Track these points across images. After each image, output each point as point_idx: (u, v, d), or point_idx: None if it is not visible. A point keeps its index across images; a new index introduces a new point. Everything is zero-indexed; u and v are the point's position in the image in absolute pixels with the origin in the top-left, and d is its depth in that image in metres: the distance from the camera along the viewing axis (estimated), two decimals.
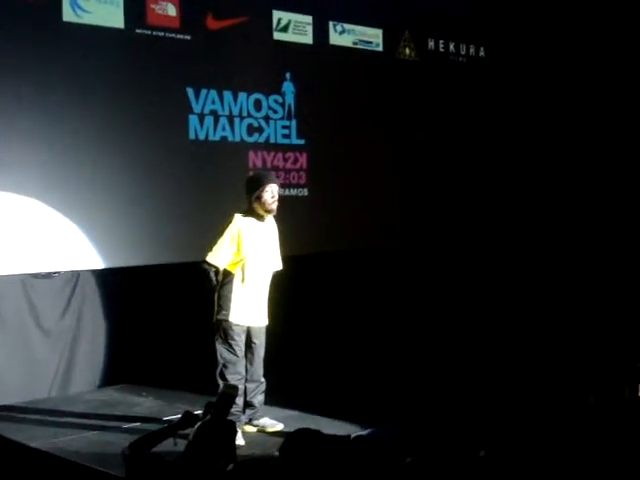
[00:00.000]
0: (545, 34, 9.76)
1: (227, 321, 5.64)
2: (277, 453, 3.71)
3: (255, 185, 5.74)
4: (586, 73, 9.54)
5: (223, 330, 5.65)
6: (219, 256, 5.62)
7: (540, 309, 9.22)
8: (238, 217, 5.70)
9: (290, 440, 3.62)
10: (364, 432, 5.66)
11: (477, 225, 9.68)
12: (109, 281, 7.31)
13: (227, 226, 5.66)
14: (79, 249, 6.85)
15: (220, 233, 5.65)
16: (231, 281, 5.65)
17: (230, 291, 5.63)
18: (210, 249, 5.64)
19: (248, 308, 5.69)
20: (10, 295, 6.80)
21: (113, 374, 7.31)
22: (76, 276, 7.16)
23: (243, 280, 5.66)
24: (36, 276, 6.89)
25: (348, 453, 3.75)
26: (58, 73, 6.70)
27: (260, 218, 5.75)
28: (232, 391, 4.68)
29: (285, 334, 7.20)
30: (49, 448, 5.48)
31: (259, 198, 5.70)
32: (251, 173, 7.35)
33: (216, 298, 5.70)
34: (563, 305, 9.18)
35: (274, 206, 5.75)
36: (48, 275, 6.95)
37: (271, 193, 5.71)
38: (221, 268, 5.64)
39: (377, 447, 3.88)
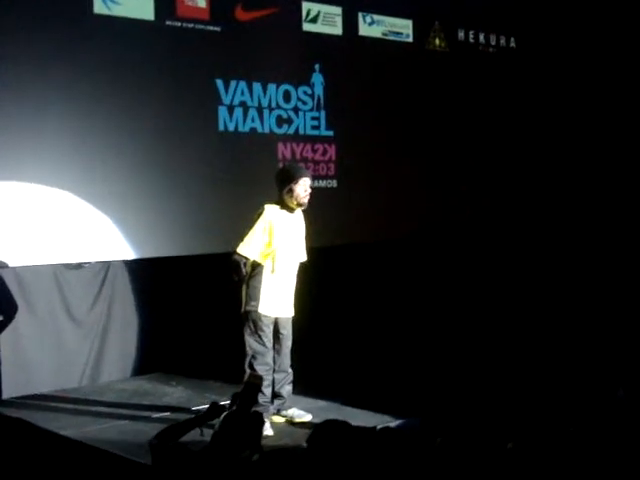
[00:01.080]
0: (575, 26, 9.68)
1: (256, 312, 5.65)
2: (305, 444, 3.73)
3: (288, 178, 5.74)
4: (616, 67, 9.44)
5: (252, 321, 5.67)
6: (250, 247, 5.63)
7: (569, 301, 9.16)
8: (269, 208, 5.70)
9: (318, 431, 3.64)
10: (391, 424, 5.66)
11: (503, 217, 9.63)
12: (139, 272, 7.36)
13: (258, 217, 5.66)
14: (110, 240, 6.91)
15: (251, 224, 5.65)
16: (260, 272, 5.66)
17: (260, 282, 5.64)
18: (241, 240, 5.65)
19: (277, 299, 5.71)
20: (42, 285, 6.86)
21: (143, 364, 7.37)
22: (107, 267, 7.22)
23: (273, 271, 5.67)
24: (67, 266, 6.95)
25: (375, 444, 3.76)
26: (89, 65, 6.74)
27: (291, 210, 5.76)
28: (257, 381, 4.71)
29: (312, 325, 7.22)
30: (79, 437, 5.53)
31: (291, 191, 5.70)
32: (283, 165, 7.37)
33: (245, 289, 5.71)
34: (591, 298, 9.11)
35: (306, 200, 5.75)
36: (79, 265, 7.01)
37: (304, 187, 5.72)
38: (251, 259, 5.65)
39: (403, 439, 3.89)
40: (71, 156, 6.68)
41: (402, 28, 8.76)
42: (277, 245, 5.66)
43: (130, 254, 7.05)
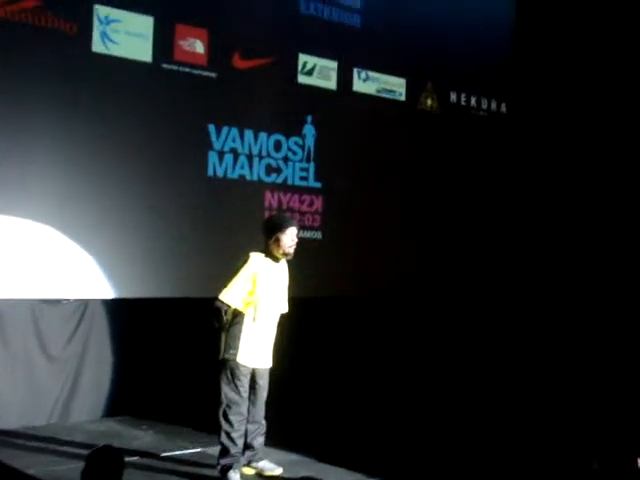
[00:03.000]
0: (567, 93, 9.80)
1: (235, 361, 5.59)
2: None
3: (275, 227, 5.74)
4: (608, 131, 9.55)
5: (230, 369, 5.61)
6: (233, 294, 5.59)
7: (545, 371, 9.15)
8: (255, 257, 5.68)
9: None
10: None
11: (490, 279, 9.66)
12: (117, 312, 7.30)
13: (243, 265, 5.64)
14: (90, 278, 6.86)
15: (235, 271, 5.63)
16: (241, 321, 5.61)
17: (240, 331, 5.59)
18: (224, 286, 5.62)
19: (256, 349, 5.66)
20: (17, 319, 6.79)
21: (115, 405, 7.27)
22: (84, 305, 7.16)
23: (254, 320, 5.63)
24: (45, 302, 6.89)
25: None
26: (82, 103, 6.76)
27: (276, 260, 5.74)
28: None
29: (288, 377, 7.16)
30: (45, 476, 5.44)
31: (278, 240, 5.69)
32: (271, 214, 7.39)
33: (224, 337, 5.66)
34: (567, 368, 9.10)
35: (292, 250, 5.74)
36: (57, 302, 6.95)
37: (291, 237, 5.71)
38: (233, 307, 5.61)
39: None
40: (58, 193, 6.65)
41: (395, 86, 8.84)
42: (260, 294, 5.63)
43: (110, 293, 6.99)
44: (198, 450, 6.32)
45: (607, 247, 9.49)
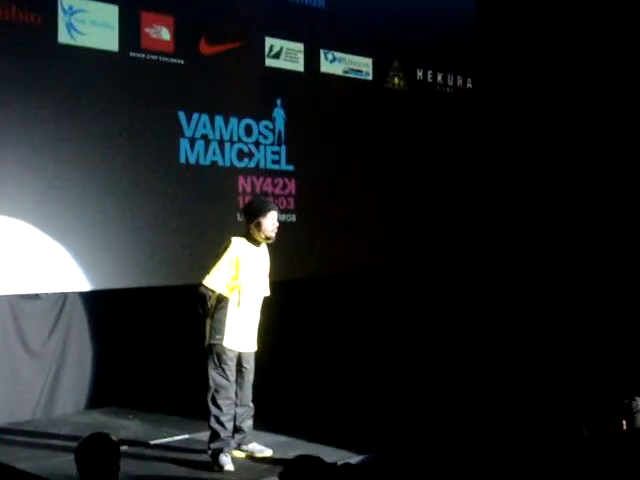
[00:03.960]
0: (531, 67, 9.88)
1: (221, 345, 5.61)
2: (276, 479, 3.71)
3: (256, 211, 5.75)
4: (572, 105, 9.65)
5: (216, 354, 5.64)
6: (216, 280, 5.61)
7: (535, 336, 9.26)
8: (236, 241, 5.69)
9: (290, 466, 3.62)
10: (351, 460, 5.66)
11: (462, 254, 9.75)
12: (96, 303, 7.29)
13: (224, 250, 5.65)
14: (66, 271, 6.82)
15: (217, 257, 5.64)
16: (226, 306, 5.63)
17: (225, 315, 5.61)
18: (207, 272, 5.63)
19: (241, 333, 5.69)
20: None
21: (99, 397, 7.27)
22: (63, 298, 7.14)
23: (238, 305, 5.64)
24: (23, 297, 6.85)
25: None
26: (50, 94, 6.69)
27: (257, 244, 5.76)
28: None
29: (273, 359, 7.20)
30: (37, 470, 5.45)
31: (259, 225, 5.71)
32: (250, 199, 7.38)
33: (209, 322, 5.68)
34: (556, 334, 9.22)
35: (273, 233, 5.76)
36: (35, 296, 6.92)
37: (272, 220, 5.73)
38: (217, 292, 5.63)
39: (364, 475, 3.89)
40: (30, 185, 6.59)
41: (362, 66, 8.87)
42: (243, 278, 5.65)
43: (88, 285, 6.97)
44: (186, 437, 6.34)
45: (585, 218, 9.60)
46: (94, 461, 3.70)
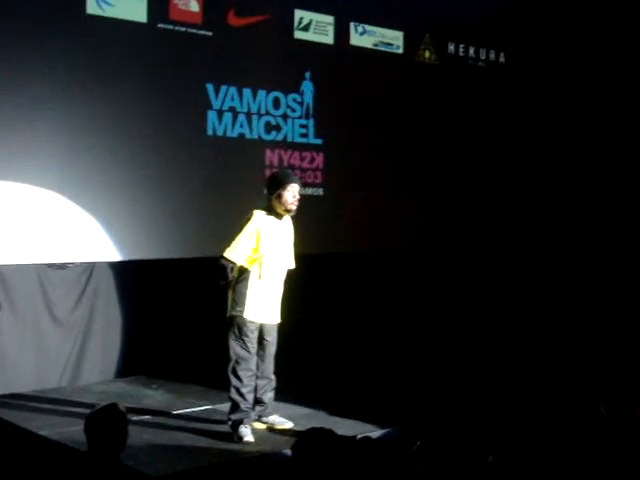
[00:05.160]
0: (565, 42, 9.75)
1: (242, 317, 5.65)
2: (289, 450, 3.74)
3: (277, 184, 5.75)
4: (605, 82, 9.52)
5: (237, 326, 5.67)
6: (237, 252, 5.63)
7: (553, 315, 9.21)
8: (257, 214, 5.70)
9: (303, 438, 3.64)
10: (371, 433, 5.68)
11: (490, 230, 9.68)
12: (124, 274, 7.35)
13: (246, 223, 5.67)
14: (95, 241, 6.88)
15: (239, 229, 5.65)
16: (247, 278, 5.65)
17: (246, 287, 5.64)
18: (228, 245, 5.64)
19: (263, 305, 5.71)
20: (24, 284, 6.85)
21: (124, 366, 7.36)
22: (91, 268, 7.21)
23: (260, 277, 5.67)
24: (51, 266, 6.92)
25: (354, 454, 3.77)
26: (79, 66, 6.71)
27: (279, 216, 5.76)
28: None
29: (297, 332, 7.22)
30: (57, 437, 5.56)
31: (280, 197, 5.71)
32: (273, 171, 7.38)
33: (231, 294, 5.71)
34: (577, 312, 9.16)
35: (294, 206, 5.76)
36: (63, 266, 6.99)
37: (292, 193, 5.73)
38: (238, 264, 5.65)
39: (383, 449, 3.90)
40: (59, 156, 6.65)
41: (393, 39, 8.79)
42: (264, 251, 5.66)
43: (115, 256, 7.02)
44: (208, 407, 6.40)
45: (608, 197, 9.51)
46: (101, 430, 3.76)
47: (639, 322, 8.60)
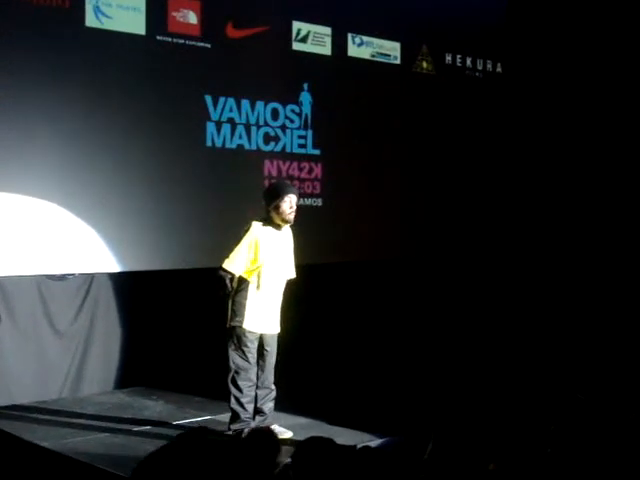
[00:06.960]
0: (562, 52, 9.78)
1: (241, 328, 5.68)
2: (289, 460, 3.74)
3: (274, 195, 5.79)
4: (602, 92, 9.55)
5: (237, 337, 5.70)
6: (236, 263, 5.66)
7: (550, 323, 9.23)
8: (256, 225, 5.74)
9: (302, 448, 3.65)
10: (371, 443, 5.68)
11: (487, 239, 9.70)
12: (123, 285, 7.36)
13: (245, 233, 5.71)
14: (94, 252, 6.90)
15: (237, 240, 5.69)
16: (246, 288, 5.69)
17: (245, 298, 5.67)
18: (227, 256, 5.68)
19: (262, 315, 5.73)
20: (24, 296, 6.85)
21: (124, 377, 7.36)
22: (90, 279, 7.22)
23: (258, 287, 5.70)
24: (51, 277, 6.94)
25: (354, 463, 3.77)
26: (78, 78, 6.75)
27: (277, 227, 5.80)
28: None
29: (296, 342, 7.23)
30: (59, 448, 5.55)
31: (277, 208, 5.75)
32: (271, 182, 7.42)
33: (230, 305, 5.74)
34: (573, 321, 9.18)
35: (292, 217, 5.80)
36: (63, 277, 7.00)
37: (289, 204, 5.76)
38: (237, 275, 5.68)
39: (383, 458, 3.91)
40: (59, 168, 6.68)
41: (390, 50, 8.83)
42: (263, 261, 5.69)
43: (115, 267, 7.04)
44: (208, 418, 6.40)
45: (606, 202, 9.53)
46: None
47: (638, 324, 8.62)
